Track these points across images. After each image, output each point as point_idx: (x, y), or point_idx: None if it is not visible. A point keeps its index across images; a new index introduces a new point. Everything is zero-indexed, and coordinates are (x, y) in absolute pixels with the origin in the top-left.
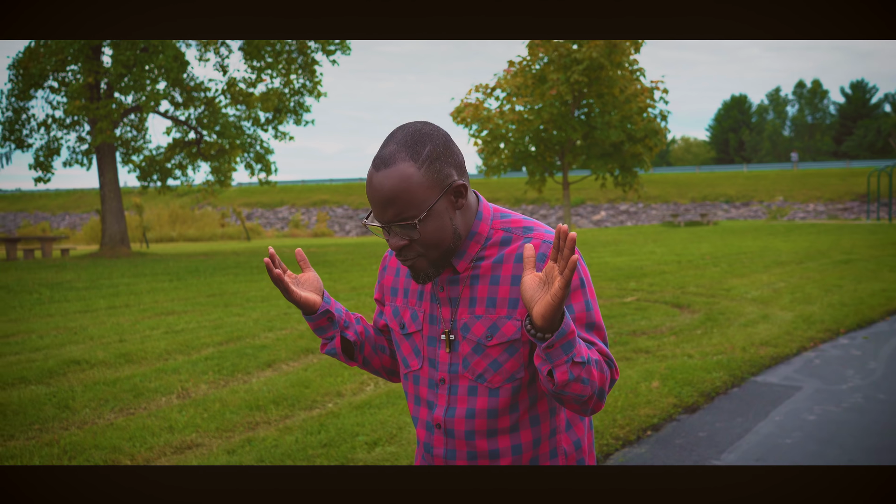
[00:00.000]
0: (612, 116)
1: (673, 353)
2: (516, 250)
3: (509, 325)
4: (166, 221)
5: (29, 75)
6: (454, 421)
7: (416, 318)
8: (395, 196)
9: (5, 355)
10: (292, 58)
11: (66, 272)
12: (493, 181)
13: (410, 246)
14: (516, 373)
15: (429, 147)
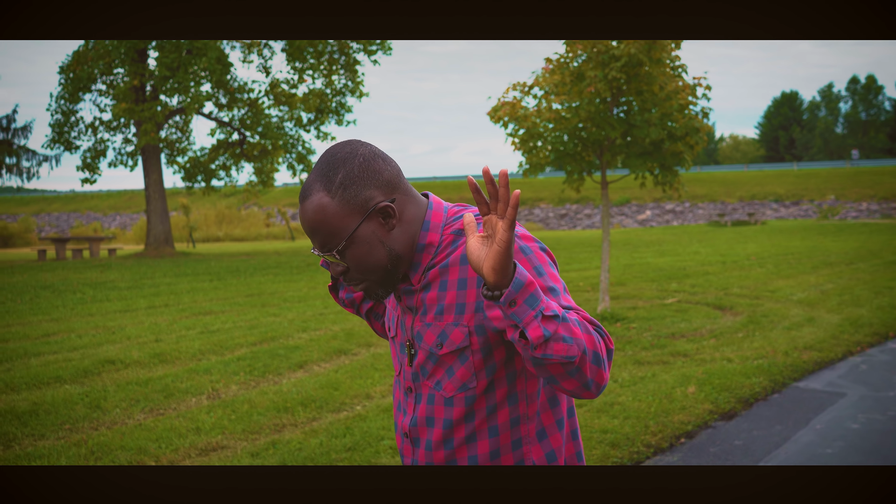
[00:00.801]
0: (651, 114)
1: (712, 357)
2: (461, 252)
3: (456, 332)
4: (213, 221)
5: (77, 79)
6: (417, 430)
7: (393, 322)
8: (315, 228)
9: (44, 354)
10: (334, 58)
11: (111, 272)
12: (537, 181)
13: (348, 273)
14: (468, 381)
15: (341, 173)
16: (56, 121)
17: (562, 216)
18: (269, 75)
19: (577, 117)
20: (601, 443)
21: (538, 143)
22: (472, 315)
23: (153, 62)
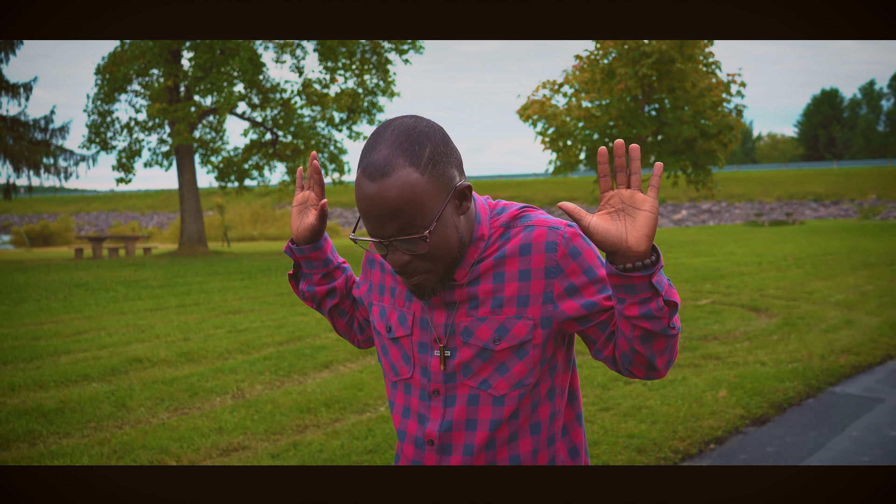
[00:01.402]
0: (684, 112)
1: (745, 360)
2: (520, 241)
3: (520, 325)
4: (247, 221)
5: (113, 79)
6: (451, 435)
7: (405, 321)
8: (400, 209)
9: (74, 352)
10: (366, 58)
11: (144, 270)
12: (570, 180)
13: (413, 262)
14: (524, 378)
15: (429, 148)
16: (92, 121)
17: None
18: (302, 75)
19: (608, 115)
20: (627, 448)
21: (568, 142)
22: (540, 307)
23: (187, 63)
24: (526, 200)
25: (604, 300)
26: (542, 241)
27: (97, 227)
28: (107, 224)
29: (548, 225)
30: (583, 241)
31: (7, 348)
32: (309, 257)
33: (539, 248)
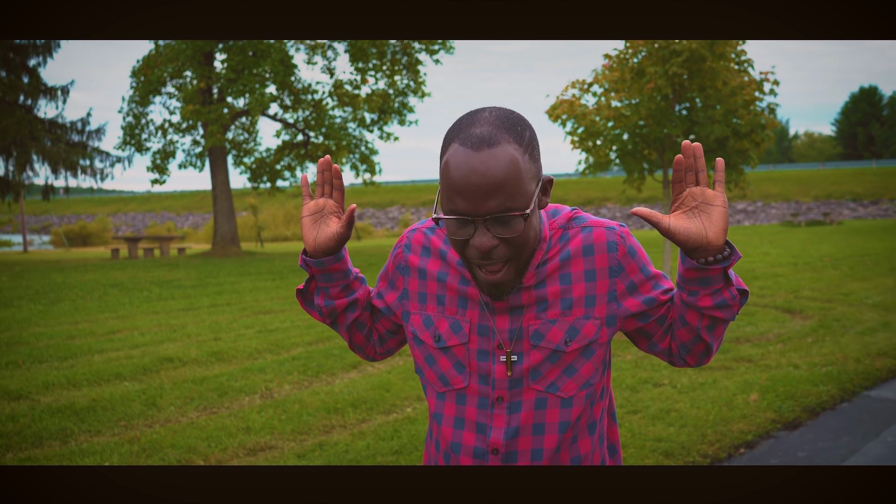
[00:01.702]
0: (715, 111)
1: (777, 363)
2: (581, 242)
3: (588, 325)
4: (281, 221)
5: (148, 82)
6: (517, 442)
7: (460, 328)
8: (504, 183)
9: (107, 351)
10: (396, 58)
11: (178, 271)
12: (603, 180)
13: (498, 248)
14: (591, 378)
15: (528, 133)
16: (127, 123)
17: (629, 216)
18: (333, 76)
19: (637, 115)
20: (654, 451)
21: (597, 142)
22: (605, 306)
23: (219, 65)
24: (558, 201)
25: (660, 295)
26: (602, 241)
27: (134, 227)
28: (143, 224)
29: (604, 225)
30: (635, 240)
31: (43, 347)
32: (329, 270)
33: (601, 248)
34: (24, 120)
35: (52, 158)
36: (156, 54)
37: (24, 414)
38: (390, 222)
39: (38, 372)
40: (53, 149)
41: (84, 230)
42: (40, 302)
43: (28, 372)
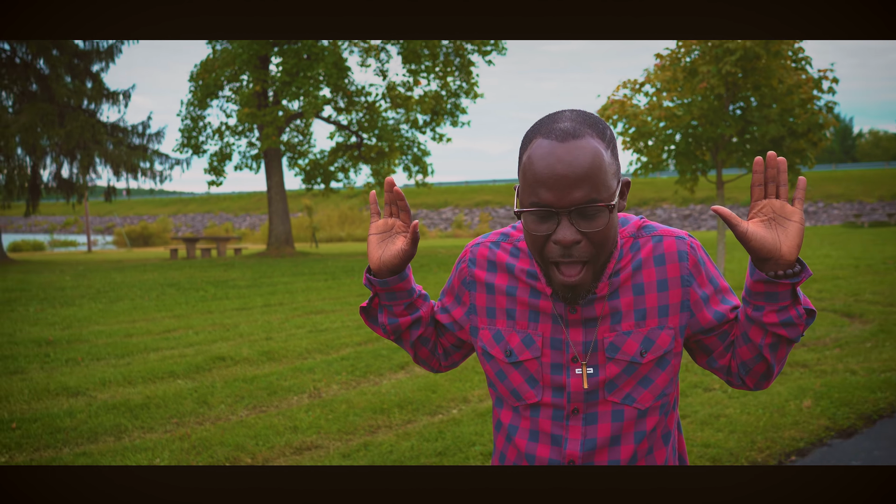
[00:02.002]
0: (771, 110)
1: (833, 369)
2: (652, 251)
3: (663, 336)
4: (335, 222)
5: (206, 86)
6: (594, 454)
7: (532, 342)
8: (590, 173)
9: (162, 350)
10: (449, 59)
11: (233, 271)
12: (659, 180)
13: (582, 244)
14: (667, 388)
15: (609, 131)
16: (185, 126)
17: (685, 217)
18: (386, 78)
19: (690, 114)
20: (701, 458)
21: (649, 142)
22: (678, 315)
23: (274, 68)
24: None
25: (728, 311)
26: (674, 251)
27: (193, 228)
28: (202, 225)
29: (674, 235)
30: (704, 251)
31: (101, 345)
32: (393, 289)
33: (672, 258)
34: (87, 124)
35: (113, 161)
36: (213, 58)
37: (81, 410)
38: (444, 223)
39: (96, 369)
40: (115, 152)
41: (145, 231)
42: (101, 301)
43: (87, 369)
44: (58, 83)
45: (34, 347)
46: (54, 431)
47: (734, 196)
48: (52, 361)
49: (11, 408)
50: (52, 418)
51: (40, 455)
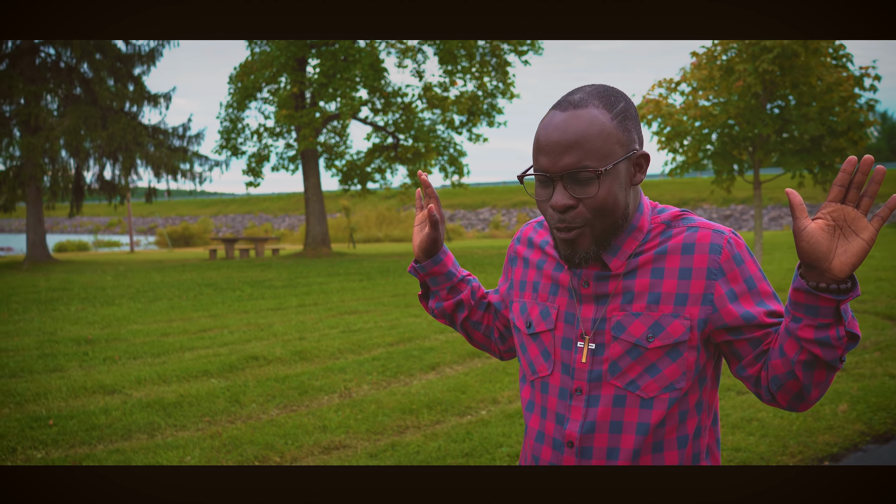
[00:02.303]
0: (810, 108)
1: (872, 372)
2: (682, 240)
3: (676, 324)
4: (373, 223)
5: (244, 88)
6: (593, 437)
7: (548, 315)
8: (582, 139)
9: (197, 349)
10: (485, 60)
11: (270, 271)
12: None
13: (576, 209)
14: (676, 381)
15: (623, 103)
16: (224, 128)
17: (726, 217)
18: (422, 79)
19: (726, 113)
20: (731, 461)
21: (684, 142)
22: (698, 307)
23: (311, 70)
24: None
25: (763, 315)
26: (706, 242)
27: (233, 228)
28: (242, 226)
29: (713, 228)
30: (747, 251)
31: (138, 344)
32: (431, 273)
33: (703, 249)
34: (129, 126)
35: (154, 163)
36: (252, 61)
37: (116, 407)
38: (481, 223)
39: (132, 367)
40: (156, 153)
41: (187, 231)
42: (139, 300)
43: (123, 367)
44: (101, 86)
45: (74, 346)
46: (90, 428)
47: (777, 196)
48: (91, 360)
49: (49, 405)
50: (88, 415)
51: (75, 451)
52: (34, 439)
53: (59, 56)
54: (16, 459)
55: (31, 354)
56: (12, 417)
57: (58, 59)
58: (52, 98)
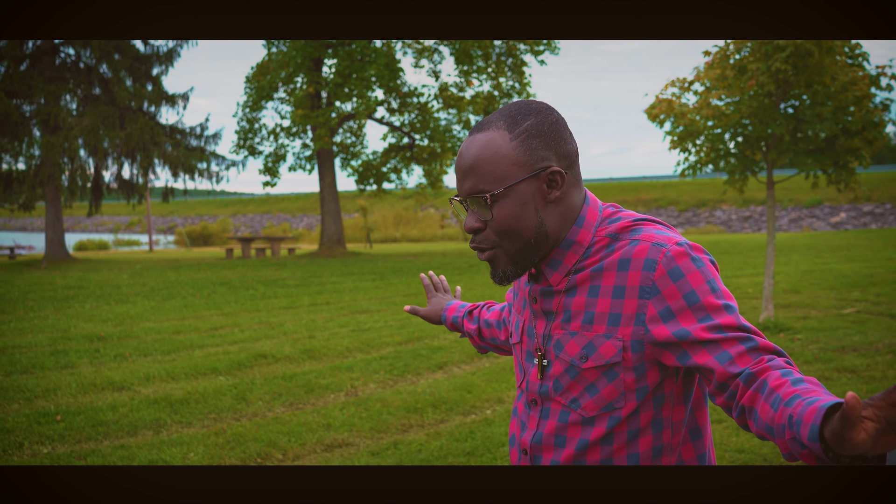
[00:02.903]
0: (824, 108)
1: (883, 375)
2: (620, 256)
3: (608, 345)
4: (390, 223)
5: (261, 88)
6: (541, 448)
7: (518, 327)
8: (475, 164)
9: (207, 347)
10: (501, 60)
11: (284, 270)
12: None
13: (485, 232)
14: (615, 401)
15: (530, 121)
16: (241, 128)
17: (745, 218)
18: (438, 79)
19: (739, 113)
20: (733, 462)
21: (697, 142)
22: (631, 328)
23: (327, 70)
24: (671, 202)
25: (702, 330)
26: (641, 258)
27: (251, 228)
28: (260, 225)
29: (653, 241)
30: (689, 263)
31: (150, 341)
32: (449, 328)
33: (638, 265)
34: (147, 126)
35: (172, 162)
36: (268, 61)
37: (123, 404)
38: None
39: (142, 364)
40: (174, 153)
41: (205, 231)
42: (153, 298)
43: (133, 364)
44: (119, 86)
45: (86, 343)
46: (96, 424)
47: (796, 198)
48: (102, 357)
49: (58, 401)
50: (96, 412)
51: (81, 447)
52: (41, 434)
53: (78, 56)
54: (22, 454)
55: (44, 351)
56: (21, 413)
57: (77, 60)
58: (72, 98)
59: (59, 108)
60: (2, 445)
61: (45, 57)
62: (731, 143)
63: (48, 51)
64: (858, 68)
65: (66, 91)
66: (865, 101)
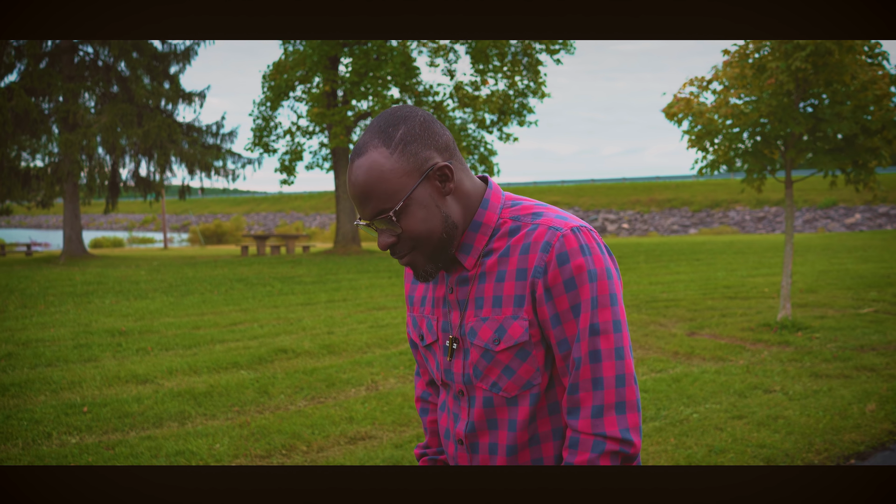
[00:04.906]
0: (843, 107)
1: None
2: (522, 240)
3: (515, 325)
4: None
5: (277, 86)
6: (476, 435)
7: (431, 327)
8: (368, 188)
9: (228, 341)
10: (517, 59)
11: (300, 268)
12: (733, 181)
13: (400, 242)
14: (533, 378)
15: (402, 129)
16: (257, 126)
17: (759, 219)
18: (454, 78)
19: (758, 112)
20: (755, 458)
21: (715, 141)
22: (532, 306)
23: (344, 68)
24: (684, 203)
25: (566, 313)
26: (539, 241)
27: (265, 226)
28: (274, 224)
29: (550, 225)
30: (581, 248)
31: (171, 336)
32: None
33: (536, 248)
34: (164, 124)
35: (188, 160)
36: (285, 60)
37: (148, 396)
38: None
39: (164, 358)
40: (190, 151)
41: (219, 229)
42: (172, 294)
43: (155, 358)
44: (137, 84)
45: (108, 337)
46: (122, 416)
47: (811, 198)
48: (124, 350)
49: (84, 393)
50: (121, 403)
51: (108, 437)
52: (69, 425)
53: (97, 55)
54: (51, 444)
55: (67, 345)
56: (48, 404)
57: (96, 58)
58: (90, 96)
59: (78, 105)
60: (31, 435)
61: (64, 55)
62: (750, 141)
63: (67, 49)
64: (878, 67)
65: (85, 89)
66: (885, 101)
